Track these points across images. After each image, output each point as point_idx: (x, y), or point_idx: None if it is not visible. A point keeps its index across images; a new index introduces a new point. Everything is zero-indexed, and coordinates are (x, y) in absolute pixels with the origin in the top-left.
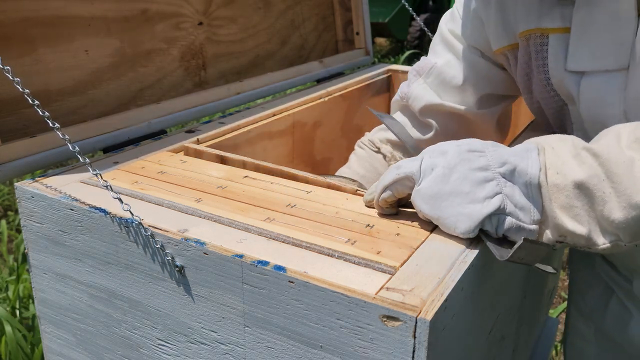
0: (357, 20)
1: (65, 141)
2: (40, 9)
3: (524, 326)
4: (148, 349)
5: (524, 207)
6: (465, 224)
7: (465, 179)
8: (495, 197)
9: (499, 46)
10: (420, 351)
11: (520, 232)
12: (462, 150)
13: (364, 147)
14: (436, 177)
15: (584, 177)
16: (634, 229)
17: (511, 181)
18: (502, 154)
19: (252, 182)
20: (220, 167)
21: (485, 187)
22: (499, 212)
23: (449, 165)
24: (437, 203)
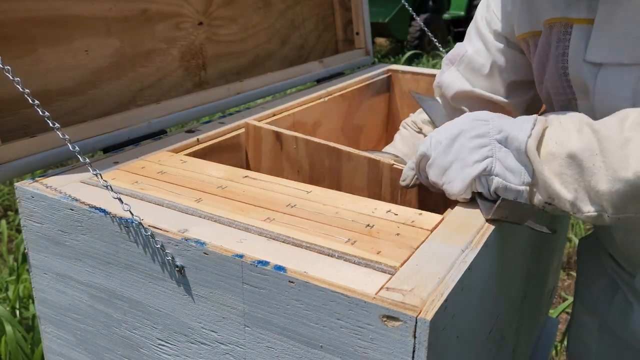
0: (357, 20)
1: (65, 141)
2: (40, 9)
3: (524, 326)
4: (148, 349)
5: (514, 170)
6: (458, 186)
7: (463, 146)
8: (484, 161)
9: (522, 32)
10: (420, 351)
11: (508, 192)
12: (469, 119)
13: (407, 128)
14: (442, 149)
15: (578, 148)
16: (616, 201)
17: (505, 146)
18: (502, 122)
19: (252, 182)
20: (220, 167)
21: (478, 152)
22: (486, 173)
23: (452, 136)
24: (442, 171)
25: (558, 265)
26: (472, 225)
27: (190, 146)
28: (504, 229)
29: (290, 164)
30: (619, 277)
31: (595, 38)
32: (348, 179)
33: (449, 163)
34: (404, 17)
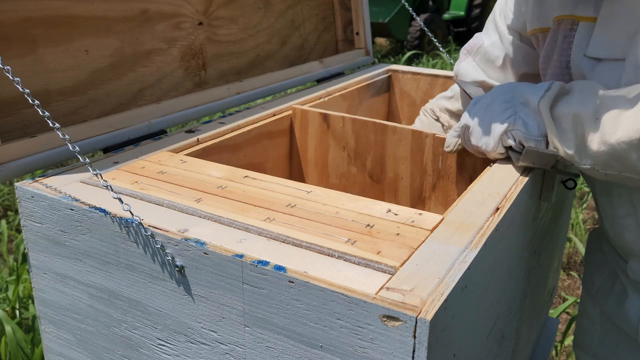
0: (357, 20)
1: (66, 141)
2: (40, 9)
3: (524, 326)
4: (148, 349)
5: (532, 124)
6: (491, 143)
7: (494, 111)
8: (508, 118)
9: (533, 27)
10: (420, 351)
11: (529, 142)
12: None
13: (426, 115)
14: (478, 118)
15: (584, 111)
16: (602, 160)
17: (527, 107)
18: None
19: (252, 182)
20: (220, 167)
21: (504, 113)
22: (511, 128)
23: (485, 105)
24: (479, 135)
25: (558, 265)
26: (472, 225)
27: (190, 146)
28: (503, 229)
29: (336, 142)
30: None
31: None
32: (392, 150)
33: (484, 128)
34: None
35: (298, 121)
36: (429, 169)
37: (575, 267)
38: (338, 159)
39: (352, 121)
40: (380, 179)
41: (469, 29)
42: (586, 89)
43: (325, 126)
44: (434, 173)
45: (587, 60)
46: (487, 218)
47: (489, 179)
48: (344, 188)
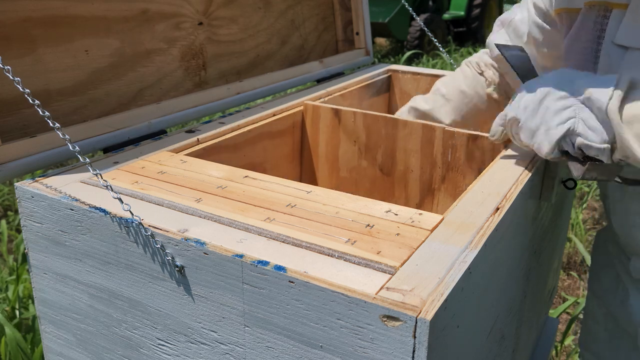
0: (357, 20)
1: (66, 141)
2: (40, 9)
3: (524, 326)
4: (148, 349)
5: (596, 129)
6: (546, 147)
7: (548, 109)
8: (567, 122)
9: (560, 6)
10: (420, 351)
11: (590, 150)
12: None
13: (470, 67)
14: (529, 113)
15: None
16: None
17: (589, 107)
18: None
19: (252, 182)
20: (220, 167)
21: (562, 114)
22: (570, 133)
23: (537, 99)
24: (532, 134)
25: (558, 265)
26: (472, 225)
27: (190, 146)
28: (503, 229)
29: (347, 136)
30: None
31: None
32: (403, 143)
33: (537, 126)
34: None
35: (309, 116)
36: (439, 161)
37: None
38: (349, 153)
39: (363, 116)
40: (391, 172)
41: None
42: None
43: (337, 121)
44: (443, 165)
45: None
46: (487, 218)
47: (489, 179)
48: (355, 182)
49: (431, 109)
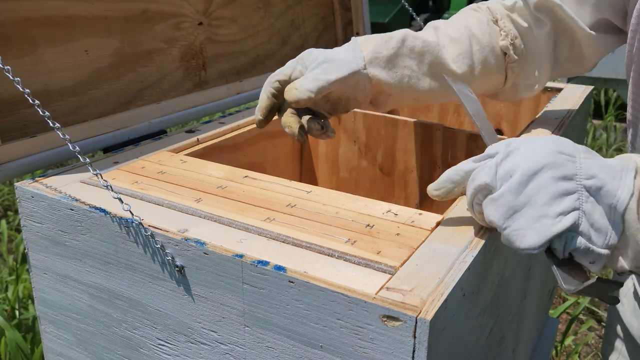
0: (357, 20)
1: (66, 141)
2: (40, 9)
3: (524, 326)
4: (148, 349)
5: (600, 229)
6: (532, 239)
7: (544, 188)
8: (570, 214)
9: None
10: (420, 351)
11: (588, 255)
12: (551, 150)
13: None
14: (513, 185)
15: None
16: None
17: (595, 198)
18: (593, 164)
19: (252, 182)
20: (220, 167)
21: (563, 201)
22: (572, 229)
23: (530, 171)
24: (509, 213)
25: None
26: (472, 226)
27: (190, 146)
28: None
29: (347, 136)
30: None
31: None
32: (403, 143)
33: (521, 205)
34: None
35: None
36: (439, 161)
37: None
38: (349, 153)
39: (363, 116)
40: (391, 172)
41: None
42: None
43: (337, 121)
44: (443, 165)
45: None
46: None
47: None
48: (355, 182)
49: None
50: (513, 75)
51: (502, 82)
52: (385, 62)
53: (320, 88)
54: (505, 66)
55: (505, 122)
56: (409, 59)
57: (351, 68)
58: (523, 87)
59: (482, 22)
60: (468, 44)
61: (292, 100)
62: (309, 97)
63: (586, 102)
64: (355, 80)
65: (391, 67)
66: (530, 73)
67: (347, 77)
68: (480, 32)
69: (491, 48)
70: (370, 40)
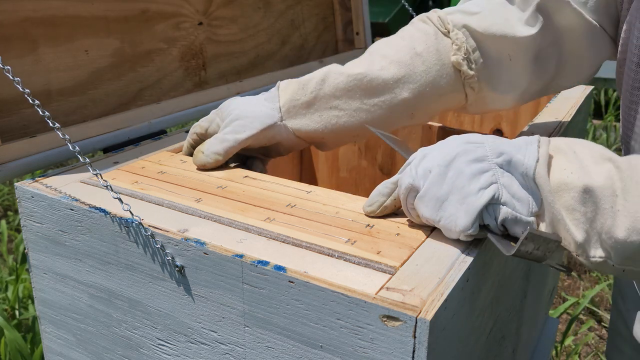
0: (357, 20)
1: (66, 141)
2: (40, 9)
3: (524, 326)
4: (148, 349)
5: (522, 198)
6: (463, 220)
7: (461, 173)
8: (489, 187)
9: None
10: (420, 351)
11: (518, 224)
12: (460, 142)
13: (428, 23)
14: (433, 178)
15: (597, 184)
16: (628, 253)
17: (509, 172)
18: (500, 144)
19: (252, 182)
20: (220, 167)
21: (480, 179)
22: (494, 202)
23: (445, 162)
24: (438, 204)
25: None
26: None
27: None
28: None
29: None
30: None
31: None
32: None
33: (446, 194)
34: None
35: None
36: None
37: (576, 267)
38: (349, 153)
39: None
40: (391, 172)
41: None
42: (582, 152)
43: None
44: None
45: None
46: None
47: None
48: (355, 181)
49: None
50: (474, 92)
51: (463, 99)
52: (305, 108)
53: (228, 149)
54: (462, 83)
55: (505, 122)
56: (334, 99)
57: (264, 123)
58: (492, 100)
59: (429, 36)
60: (411, 65)
61: (199, 165)
62: (216, 160)
63: (586, 102)
64: (272, 132)
65: (313, 111)
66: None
67: (260, 133)
68: (426, 48)
69: (440, 66)
70: (289, 86)
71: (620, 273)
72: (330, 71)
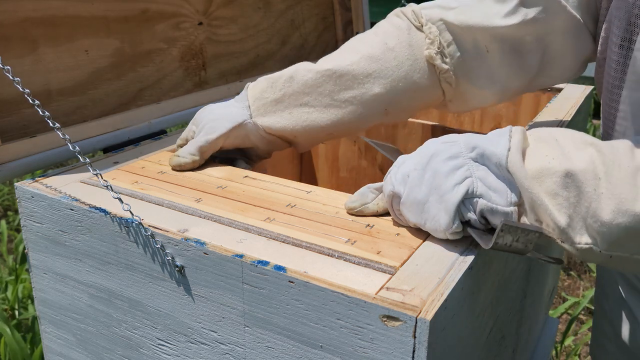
0: (357, 20)
1: (66, 141)
2: (40, 9)
3: (524, 326)
4: (148, 349)
5: (498, 189)
6: (444, 219)
7: (437, 172)
8: (464, 182)
9: None
10: (420, 351)
11: (496, 215)
12: (435, 143)
13: (402, 18)
14: (412, 182)
15: (579, 168)
16: (615, 236)
17: (484, 164)
18: (473, 139)
19: (252, 182)
20: (220, 167)
21: (455, 175)
22: (470, 196)
23: (420, 165)
24: (420, 208)
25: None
26: None
27: None
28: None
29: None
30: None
31: None
32: (403, 143)
33: (425, 196)
34: None
35: None
36: None
37: (575, 267)
38: (349, 153)
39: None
40: None
41: None
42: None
43: None
44: None
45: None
46: None
47: None
48: (354, 181)
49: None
50: (451, 87)
51: (441, 95)
52: (275, 104)
53: (200, 148)
54: (438, 78)
55: (505, 122)
56: (304, 95)
57: (234, 121)
58: (472, 96)
59: (402, 31)
60: (382, 60)
61: (175, 166)
62: (193, 159)
63: (586, 102)
64: (244, 131)
65: (283, 107)
66: (479, 79)
67: (230, 132)
68: (398, 43)
69: (413, 61)
70: (258, 85)
71: (607, 260)
72: (299, 68)
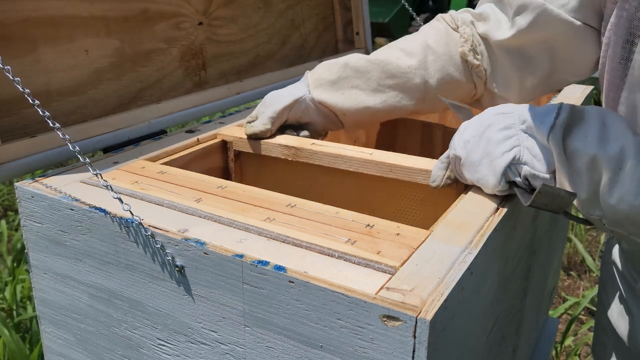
0: (357, 20)
1: (66, 141)
2: (40, 9)
3: (524, 326)
4: (148, 349)
5: (541, 158)
6: (492, 179)
7: (490, 140)
8: (511, 150)
9: None
10: (420, 351)
11: (537, 180)
12: (493, 113)
13: (441, 21)
14: (470, 147)
15: (608, 155)
16: (616, 217)
17: (532, 136)
18: (525, 113)
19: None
20: (288, 136)
21: (505, 143)
22: (516, 162)
23: (478, 133)
24: (474, 168)
25: (558, 265)
26: (472, 225)
27: (190, 146)
28: (503, 229)
29: (347, 135)
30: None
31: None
32: (402, 142)
33: (479, 159)
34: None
35: None
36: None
37: (575, 267)
38: None
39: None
40: None
41: None
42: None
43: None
44: None
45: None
46: (487, 218)
47: None
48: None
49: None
50: (481, 81)
51: (472, 89)
52: (330, 85)
53: (270, 118)
54: (470, 73)
55: None
56: (355, 79)
57: (295, 95)
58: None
59: (440, 32)
60: (422, 55)
61: (250, 134)
62: (265, 127)
63: (586, 102)
64: (303, 105)
65: (337, 88)
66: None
67: (292, 104)
68: (436, 41)
69: (449, 57)
70: (316, 70)
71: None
72: (352, 57)
